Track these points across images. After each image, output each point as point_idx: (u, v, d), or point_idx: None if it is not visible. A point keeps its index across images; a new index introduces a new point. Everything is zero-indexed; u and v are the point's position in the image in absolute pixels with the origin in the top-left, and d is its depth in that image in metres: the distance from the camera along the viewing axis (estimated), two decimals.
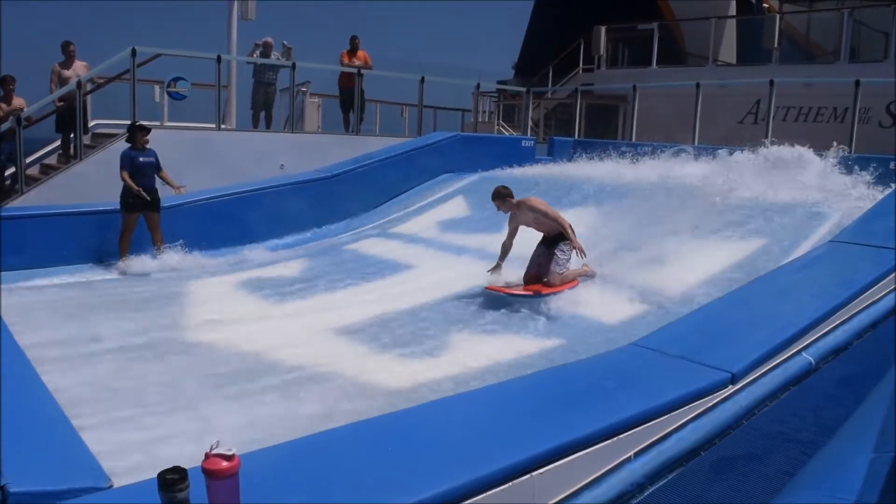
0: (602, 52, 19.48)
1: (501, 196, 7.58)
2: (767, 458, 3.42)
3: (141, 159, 8.60)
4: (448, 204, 11.38)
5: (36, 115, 10.87)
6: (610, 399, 3.50)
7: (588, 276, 7.58)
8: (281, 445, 2.99)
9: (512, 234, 7.67)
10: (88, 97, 11.51)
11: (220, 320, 6.72)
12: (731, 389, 3.84)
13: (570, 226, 7.39)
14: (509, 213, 7.67)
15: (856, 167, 9.84)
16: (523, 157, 13.57)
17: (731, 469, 3.37)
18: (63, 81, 10.96)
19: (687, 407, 3.58)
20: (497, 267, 7.63)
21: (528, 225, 7.60)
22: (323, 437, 3.12)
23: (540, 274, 7.33)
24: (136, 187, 8.46)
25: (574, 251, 7.24)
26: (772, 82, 12.44)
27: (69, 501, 2.75)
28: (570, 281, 7.33)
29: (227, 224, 9.72)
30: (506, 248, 7.70)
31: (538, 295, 7.09)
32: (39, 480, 3.00)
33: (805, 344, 4.50)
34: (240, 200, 9.94)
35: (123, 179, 8.49)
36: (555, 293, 7.11)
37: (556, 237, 7.42)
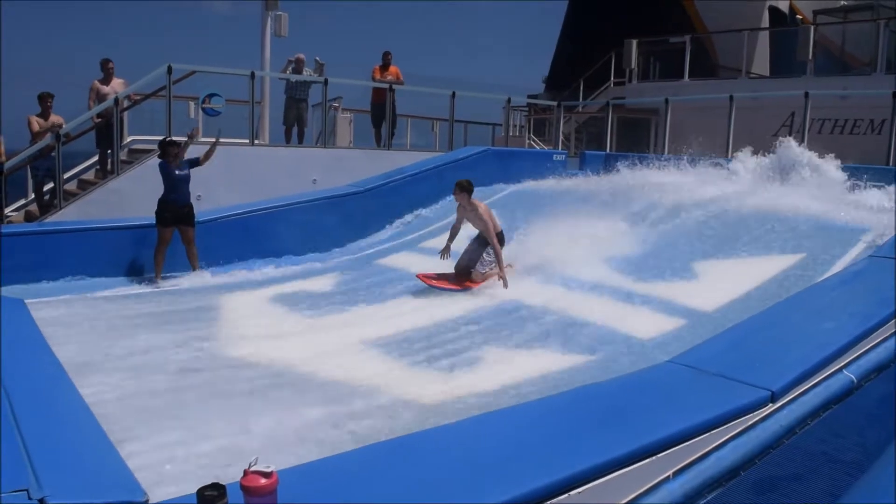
0: (633, 66, 19.41)
1: (466, 189, 8.49)
2: (810, 479, 3.35)
3: (177, 172, 8.70)
4: None
5: (74, 131, 11.06)
6: (647, 417, 3.45)
7: (511, 269, 8.38)
8: (318, 462, 2.99)
9: (460, 221, 8.72)
10: (125, 114, 11.69)
11: (254, 334, 6.76)
12: (771, 408, 3.77)
13: (502, 238, 8.42)
14: (459, 205, 8.59)
15: (892, 181, 9.67)
16: (554, 170, 13.51)
17: (772, 490, 3.31)
18: (101, 98, 11.15)
19: (726, 426, 3.52)
20: (447, 249, 8.63)
21: (471, 223, 8.57)
22: (359, 454, 3.11)
23: (469, 266, 8.32)
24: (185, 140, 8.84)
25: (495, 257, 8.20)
26: (807, 94, 12.30)
27: None
28: (491, 276, 8.26)
29: (260, 238, 9.80)
30: (454, 231, 8.77)
31: (464, 289, 8.08)
32: (76, 493, 3.03)
33: (846, 361, 4.41)
34: (273, 215, 10.02)
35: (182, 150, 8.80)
36: (474, 288, 8.13)
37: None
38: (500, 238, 8.41)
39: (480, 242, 8.43)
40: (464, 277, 8.31)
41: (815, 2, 19.65)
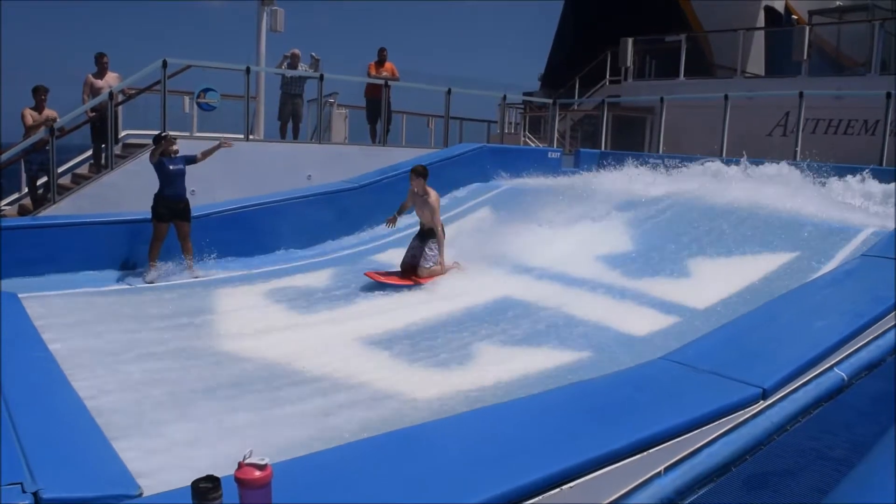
0: (629, 64, 19.44)
1: (422, 174, 8.71)
2: (800, 475, 3.37)
3: (171, 167, 8.67)
4: (475, 214, 11.40)
5: (68, 125, 11.03)
6: (640, 413, 3.48)
7: (455, 269, 8.66)
8: (312, 455, 3.01)
9: (409, 202, 8.96)
10: (120, 108, 11.66)
11: (248, 329, 6.76)
12: (762, 405, 3.80)
13: (443, 232, 8.70)
14: (411, 190, 8.80)
15: (887, 181, 9.72)
16: (549, 168, 13.55)
17: (763, 486, 3.33)
18: (95, 92, 11.12)
19: (718, 422, 3.55)
20: (394, 219, 9.08)
21: (418, 210, 8.81)
22: (352, 448, 3.13)
23: (414, 263, 8.50)
24: (171, 136, 8.71)
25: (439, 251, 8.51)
26: (801, 94, 12.35)
27: None
28: (437, 273, 8.48)
29: (254, 234, 9.79)
30: (403, 207, 9.07)
31: (413, 285, 8.25)
32: (71, 487, 3.05)
33: (837, 359, 4.44)
34: (267, 210, 10.01)
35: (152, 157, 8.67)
36: (424, 283, 8.29)
37: (428, 232, 8.63)
38: (442, 233, 8.71)
39: (421, 239, 8.65)
40: (410, 273, 8.49)
41: (811, 2, 19.70)
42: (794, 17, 20.08)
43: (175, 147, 8.81)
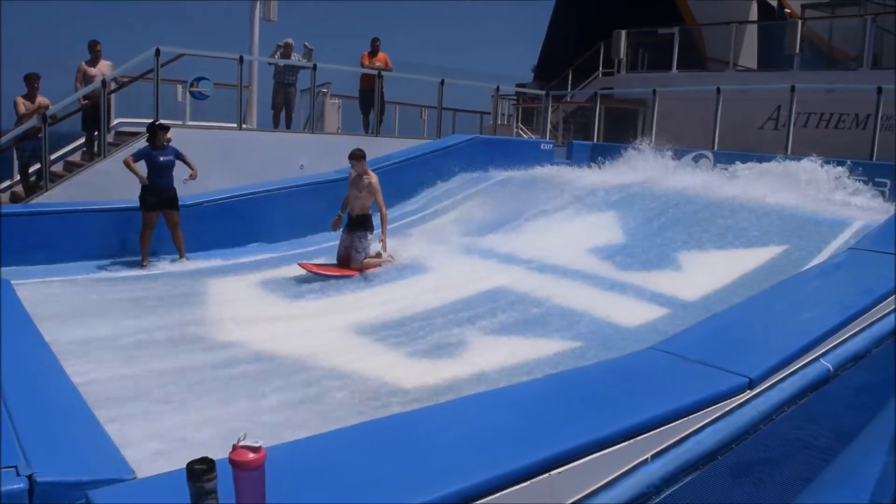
0: (622, 56, 19.45)
1: (360, 157, 8.74)
2: (785, 464, 3.43)
3: (161, 159, 8.66)
4: (466, 205, 11.43)
5: (61, 112, 10.99)
6: (628, 402, 3.52)
7: (390, 263, 8.68)
8: (305, 440, 3.05)
9: (351, 192, 8.85)
10: (112, 96, 11.63)
11: (240, 318, 6.79)
12: (748, 394, 3.85)
13: (386, 217, 8.85)
14: (354, 175, 8.80)
15: (876, 175, 9.79)
16: (542, 159, 13.57)
17: (748, 474, 3.39)
18: (88, 80, 11.08)
19: (704, 411, 3.59)
20: (339, 218, 8.92)
21: (355, 194, 8.76)
22: (344, 433, 3.17)
23: (348, 256, 8.54)
24: (141, 175, 8.55)
25: (373, 241, 8.61)
26: (793, 88, 12.40)
27: (97, 491, 2.81)
28: (373, 266, 8.54)
29: (246, 223, 9.81)
30: (347, 201, 8.92)
31: (344, 276, 8.30)
32: (65, 471, 3.08)
33: (824, 350, 4.49)
34: (259, 200, 10.02)
35: (127, 164, 8.56)
36: (359, 274, 8.37)
37: (359, 222, 8.67)
38: (369, 220, 8.74)
39: (350, 230, 8.69)
40: (345, 266, 8.57)
41: None
42: (787, 10, 20.11)
43: (167, 137, 8.81)
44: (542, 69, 22.99)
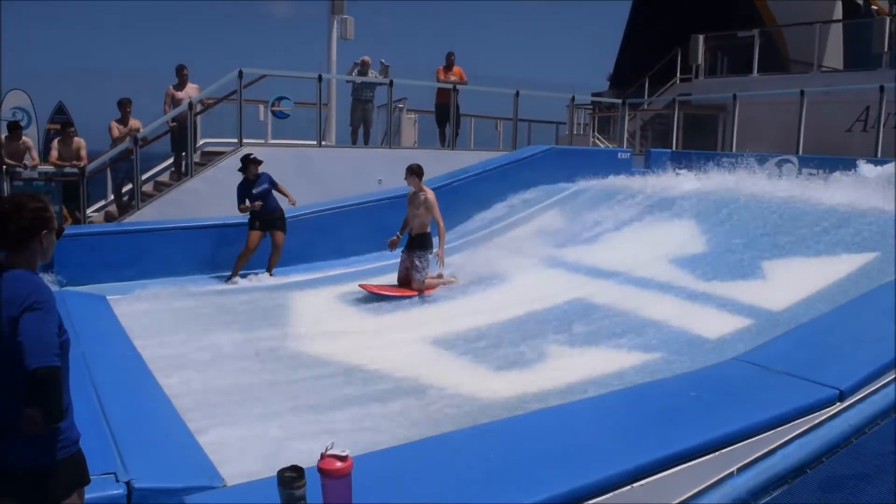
0: (700, 61, 19.06)
1: (418, 173, 8.68)
2: (878, 479, 3.32)
3: (254, 191, 8.96)
4: (544, 216, 11.39)
5: (151, 135, 11.48)
6: (712, 413, 3.47)
7: (449, 283, 8.61)
8: (390, 449, 3.12)
9: (410, 211, 8.79)
10: (198, 118, 12.07)
11: (325, 331, 6.97)
12: (839, 407, 3.74)
13: (443, 233, 8.71)
14: (411, 192, 8.78)
15: None
16: (619, 168, 13.39)
17: (839, 488, 3.29)
18: (176, 103, 11.54)
19: (792, 423, 3.51)
20: (396, 238, 8.86)
21: (412, 213, 8.71)
22: (430, 443, 3.23)
23: (408, 277, 8.48)
24: (254, 204, 8.88)
25: (435, 259, 8.51)
26: (882, 88, 11.94)
27: (191, 497, 2.93)
28: (433, 287, 8.45)
29: (328, 237, 10.03)
30: (405, 222, 8.88)
31: (406, 296, 8.23)
32: (160, 477, 3.23)
33: None
34: (340, 215, 10.23)
35: (241, 211, 8.93)
36: (420, 295, 8.29)
37: (419, 241, 8.60)
38: (428, 239, 8.64)
39: (409, 250, 8.63)
40: (406, 286, 8.49)
41: None
42: (874, 7, 19.39)
43: (256, 170, 9.06)
44: (618, 77, 22.73)
